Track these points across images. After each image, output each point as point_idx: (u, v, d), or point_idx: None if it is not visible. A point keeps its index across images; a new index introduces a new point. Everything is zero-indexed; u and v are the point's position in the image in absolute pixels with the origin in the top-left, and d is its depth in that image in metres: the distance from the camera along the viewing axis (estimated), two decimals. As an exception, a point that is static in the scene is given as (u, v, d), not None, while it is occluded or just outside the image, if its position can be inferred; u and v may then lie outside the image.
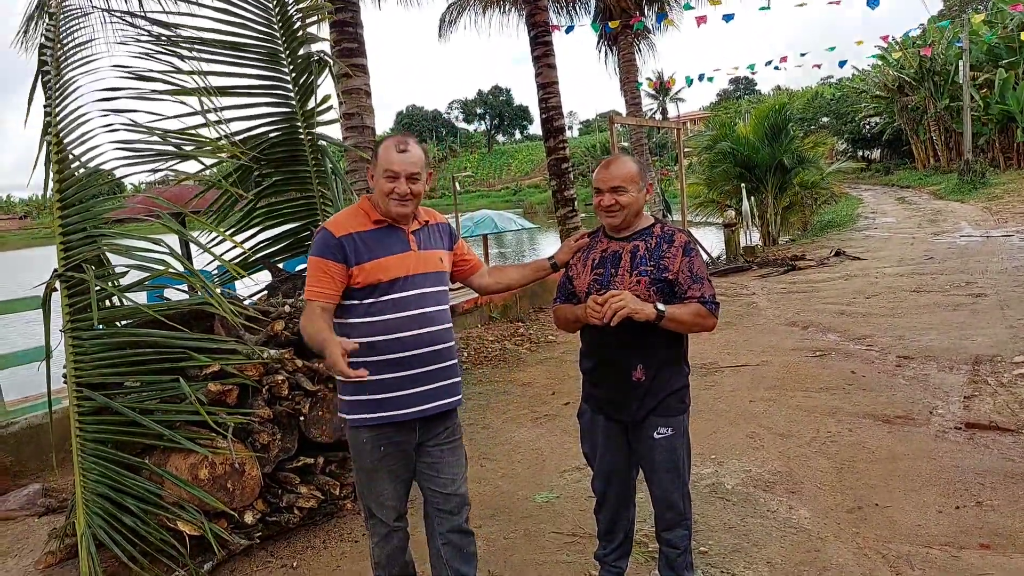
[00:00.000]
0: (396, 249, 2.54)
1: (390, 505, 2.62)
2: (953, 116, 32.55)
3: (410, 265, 2.55)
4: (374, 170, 2.55)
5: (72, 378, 3.70)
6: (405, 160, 2.49)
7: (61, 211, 3.89)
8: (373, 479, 2.60)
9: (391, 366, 2.51)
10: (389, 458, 2.57)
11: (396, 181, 2.48)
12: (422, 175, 2.54)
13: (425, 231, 2.67)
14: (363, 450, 2.57)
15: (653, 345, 2.63)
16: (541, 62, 11.07)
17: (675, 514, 2.77)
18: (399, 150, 2.49)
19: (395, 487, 2.62)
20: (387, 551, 2.67)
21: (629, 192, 2.65)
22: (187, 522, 3.42)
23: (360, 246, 2.50)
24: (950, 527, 3.47)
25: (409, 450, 2.62)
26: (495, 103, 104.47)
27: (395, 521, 2.65)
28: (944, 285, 9.77)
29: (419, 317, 2.54)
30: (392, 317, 2.50)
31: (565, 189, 11.01)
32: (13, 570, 3.85)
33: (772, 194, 18.25)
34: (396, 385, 2.52)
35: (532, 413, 5.89)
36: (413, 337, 2.52)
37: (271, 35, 4.68)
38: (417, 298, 2.55)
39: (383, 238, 2.55)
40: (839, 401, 5.42)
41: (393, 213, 2.53)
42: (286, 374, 3.86)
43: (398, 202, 2.51)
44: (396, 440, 2.57)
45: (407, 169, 2.48)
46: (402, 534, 2.70)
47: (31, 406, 5.40)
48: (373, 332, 2.50)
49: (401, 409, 2.53)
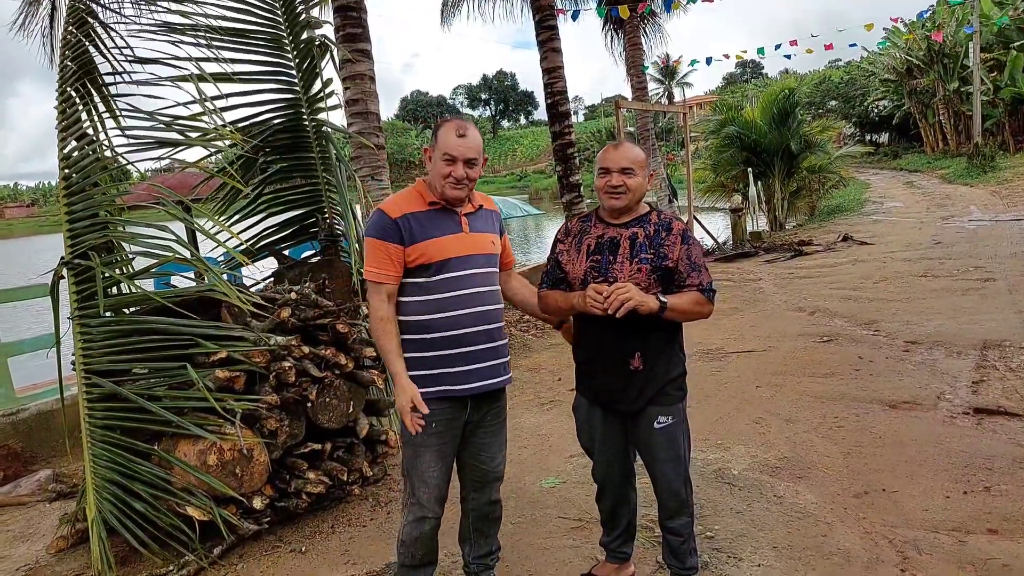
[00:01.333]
0: (449, 230, 2.61)
1: (433, 483, 2.66)
2: (962, 99, 32.24)
3: (462, 246, 2.62)
4: (432, 152, 2.60)
5: (80, 365, 3.72)
6: (464, 145, 2.54)
7: (67, 198, 3.90)
8: (421, 455, 2.64)
9: (445, 343, 2.58)
10: (438, 436, 2.63)
11: (454, 165, 2.53)
12: (479, 160, 2.59)
13: (478, 215, 2.73)
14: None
15: (650, 333, 2.62)
16: (546, 46, 11.00)
17: (678, 502, 2.78)
18: (459, 135, 2.54)
19: (441, 465, 2.67)
20: (416, 534, 2.71)
21: (636, 175, 2.64)
22: (196, 507, 3.45)
23: (415, 226, 2.57)
24: (957, 512, 3.47)
25: (458, 428, 2.69)
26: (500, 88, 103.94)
27: (434, 505, 2.69)
28: (952, 270, 9.72)
29: (471, 296, 2.61)
30: (445, 296, 2.57)
31: (571, 174, 10.97)
32: (25, 554, 3.89)
33: (779, 179, 18.15)
34: (450, 362, 2.59)
35: (538, 399, 5.90)
36: (465, 316, 2.59)
37: (274, 20, 4.65)
38: (469, 278, 2.61)
39: (437, 219, 2.61)
40: (846, 386, 5.41)
41: (449, 196, 2.59)
42: (293, 361, 3.87)
43: (454, 185, 2.56)
44: (448, 417, 2.63)
45: (465, 154, 2.54)
46: (435, 522, 2.73)
47: (41, 393, 5.44)
48: (427, 311, 2.58)
49: (456, 385, 2.60)
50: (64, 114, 4.00)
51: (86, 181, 3.91)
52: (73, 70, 4.02)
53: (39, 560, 3.80)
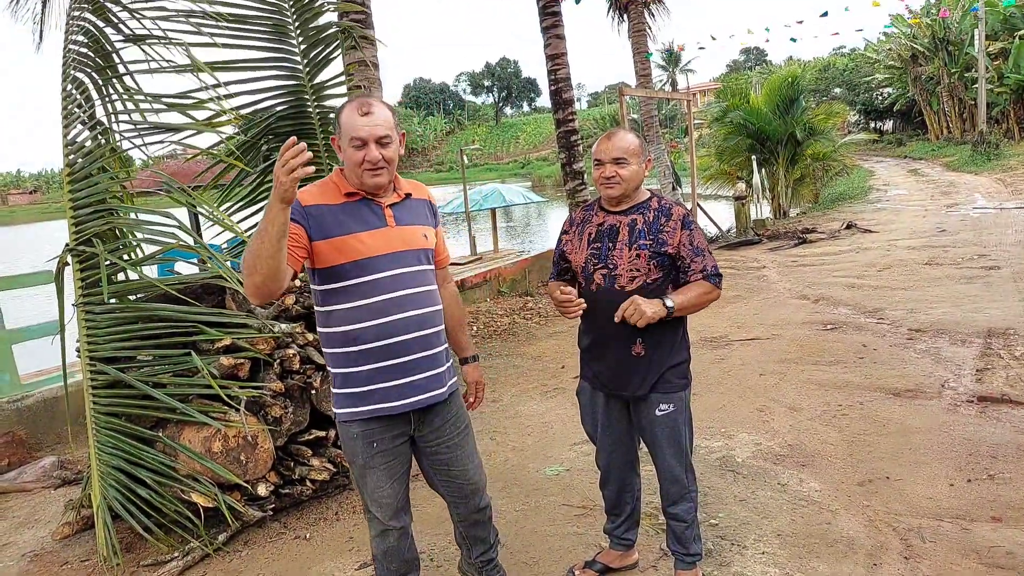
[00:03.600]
0: (371, 224, 2.29)
1: (387, 503, 2.42)
2: (967, 86, 32.07)
3: (388, 242, 2.30)
4: (340, 140, 2.27)
5: (85, 352, 3.72)
6: (371, 123, 2.21)
7: (71, 185, 3.89)
8: (367, 476, 2.39)
9: (374, 355, 2.29)
10: (382, 455, 2.37)
11: (365, 148, 2.21)
12: (393, 137, 2.26)
13: (405, 205, 2.40)
14: (354, 446, 2.37)
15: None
16: (550, 33, 10.91)
17: (680, 488, 2.78)
18: (362, 113, 2.22)
19: (391, 484, 2.41)
20: (383, 548, 2.51)
21: (630, 165, 2.62)
22: (201, 494, 3.46)
23: (328, 219, 2.25)
24: (961, 500, 3.47)
25: (404, 445, 2.42)
26: (503, 75, 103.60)
27: (390, 520, 2.45)
28: (957, 258, 9.69)
29: (402, 299, 2.30)
30: (370, 301, 2.27)
31: (574, 162, 10.92)
32: (30, 541, 3.91)
33: (783, 166, 18.10)
34: (382, 376, 2.30)
35: (542, 387, 5.90)
36: (396, 322, 2.29)
37: (279, 6, 4.62)
38: (396, 279, 2.30)
39: (356, 212, 2.29)
40: (850, 374, 5.40)
41: (368, 184, 2.27)
42: (297, 348, 3.88)
43: (371, 171, 2.24)
44: (388, 435, 2.36)
45: (374, 132, 2.21)
46: (398, 533, 2.49)
47: (46, 379, 5.45)
48: (352, 319, 2.28)
49: (390, 402, 2.32)
50: (69, 98, 3.97)
51: (91, 167, 3.90)
52: (79, 54, 3.99)
53: (44, 546, 3.82)
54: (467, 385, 2.73)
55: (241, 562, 3.47)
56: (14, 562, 3.70)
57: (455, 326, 2.68)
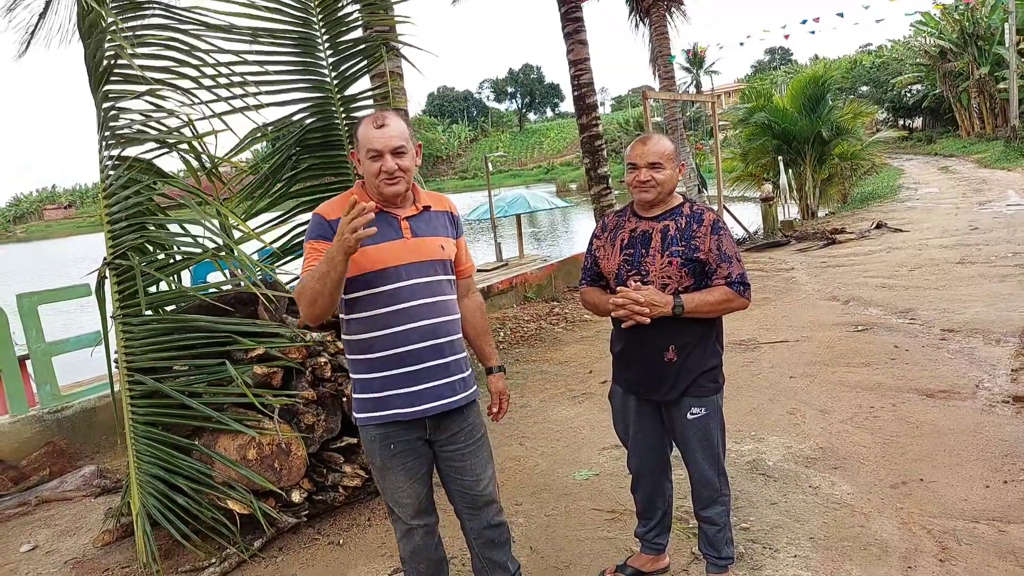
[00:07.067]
0: (388, 236, 2.36)
1: (407, 503, 2.48)
2: (996, 82, 31.50)
3: (403, 253, 2.38)
4: (358, 153, 2.39)
5: (123, 363, 3.81)
6: (385, 134, 2.32)
7: (106, 199, 3.99)
8: (387, 477, 2.46)
9: (387, 363, 2.38)
10: (401, 456, 2.44)
11: (381, 159, 2.32)
12: (408, 148, 2.37)
13: (424, 217, 2.47)
14: (373, 449, 2.46)
15: (685, 325, 2.63)
16: (572, 39, 10.94)
17: (712, 491, 2.78)
18: (377, 126, 2.33)
19: (411, 484, 2.47)
20: (409, 548, 2.56)
21: (665, 169, 2.64)
22: (237, 501, 3.52)
23: None
24: (998, 502, 3.42)
25: (421, 447, 2.48)
26: (526, 81, 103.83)
27: (413, 519, 2.51)
28: (990, 256, 9.53)
29: (413, 310, 2.38)
30: (385, 311, 2.36)
31: (599, 167, 10.92)
32: (73, 548, 4.00)
33: (810, 166, 17.92)
34: (395, 383, 2.39)
35: (570, 392, 5.91)
36: (409, 331, 2.37)
37: (307, 20, 4.70)
38: (411, 289, 2.37)
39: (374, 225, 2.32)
40: (881, 376, 5.34)
41: (386, 193, 2.37)
42: (328, 356, 3.93)
43: (388, 181, 2.34)
44: (405, 438, 2.44)
45: (389, 144, 2.32)
46: (423, 531, 2.54)
47: (84, 390, 5.57)
48: (367, 328, 2.38)
49: (404, 408, 2.40)
50: (105, 113, 4.06)
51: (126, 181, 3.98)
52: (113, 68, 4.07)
53: (86, 553, 3.91)
54: (491, 395, 2.75)
55: (276, 568, 3.53)
56: (57, 569, 3.79)
57: (478, 336, 2.72)
